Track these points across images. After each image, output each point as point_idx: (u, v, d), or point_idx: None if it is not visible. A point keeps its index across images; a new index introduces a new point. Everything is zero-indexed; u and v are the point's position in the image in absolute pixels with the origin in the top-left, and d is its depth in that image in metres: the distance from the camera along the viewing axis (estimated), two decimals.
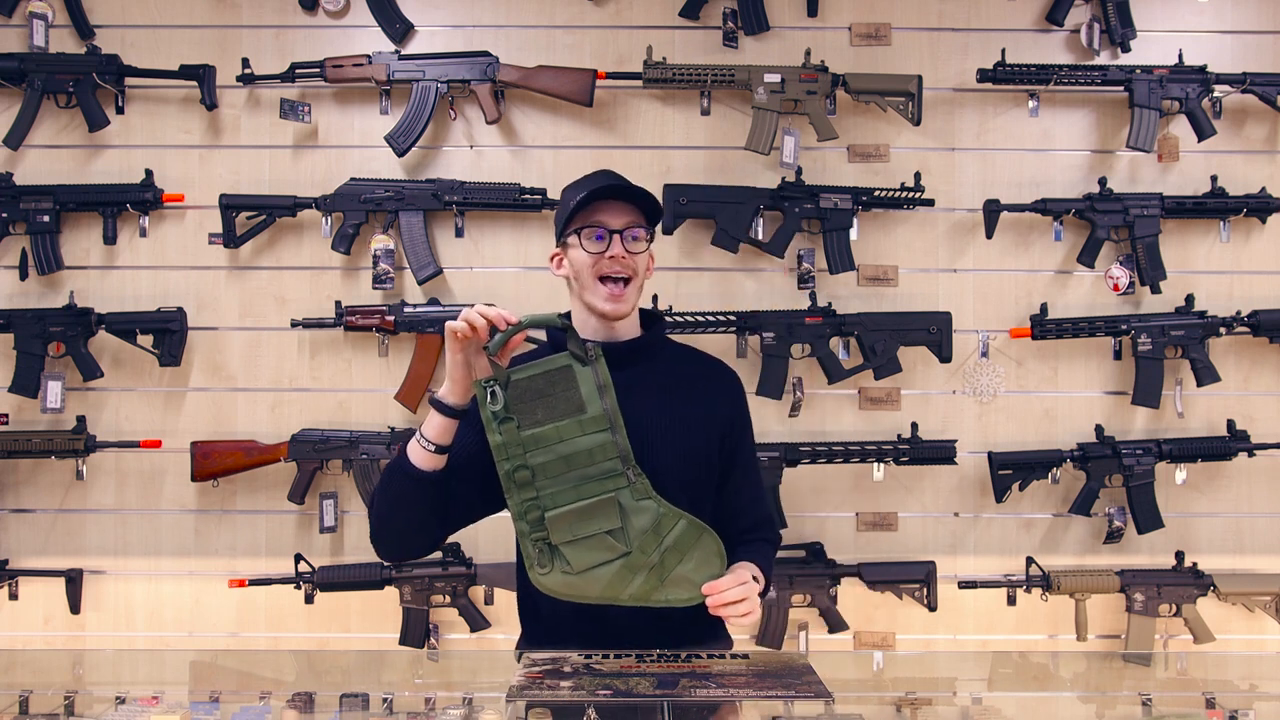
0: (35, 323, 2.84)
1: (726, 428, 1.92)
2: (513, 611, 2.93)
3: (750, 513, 1.98)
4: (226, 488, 2.94)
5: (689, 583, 1.72)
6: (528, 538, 1.70)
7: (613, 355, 1.81)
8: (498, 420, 1.67)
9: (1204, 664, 2.50)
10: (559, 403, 1.69)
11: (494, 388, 1.67)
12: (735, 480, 1.95)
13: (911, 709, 1.80)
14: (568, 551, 1.70)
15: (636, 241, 1.84)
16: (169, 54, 2.93)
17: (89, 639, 2.94)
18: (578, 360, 1.72)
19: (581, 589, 1.71)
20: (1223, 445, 2.90)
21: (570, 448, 1.69)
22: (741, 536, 1.95)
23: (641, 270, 1.87)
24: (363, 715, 1.71)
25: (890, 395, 2.95)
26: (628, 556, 1.70)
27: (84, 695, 1.85)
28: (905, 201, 2.90)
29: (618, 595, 1.72)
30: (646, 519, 1.71)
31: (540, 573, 1.71)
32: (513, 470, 1.68)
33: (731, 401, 1.96)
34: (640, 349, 1.90)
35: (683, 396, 1.89)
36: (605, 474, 1.70)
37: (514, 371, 1.70)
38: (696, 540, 1.73)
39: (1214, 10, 2.99)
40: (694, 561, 1.72)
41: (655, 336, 1.94)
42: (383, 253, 2.88)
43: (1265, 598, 2.89)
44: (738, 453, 1.95)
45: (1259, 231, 2.98)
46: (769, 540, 2.00)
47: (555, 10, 2.97)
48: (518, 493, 1.69)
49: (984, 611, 2.98)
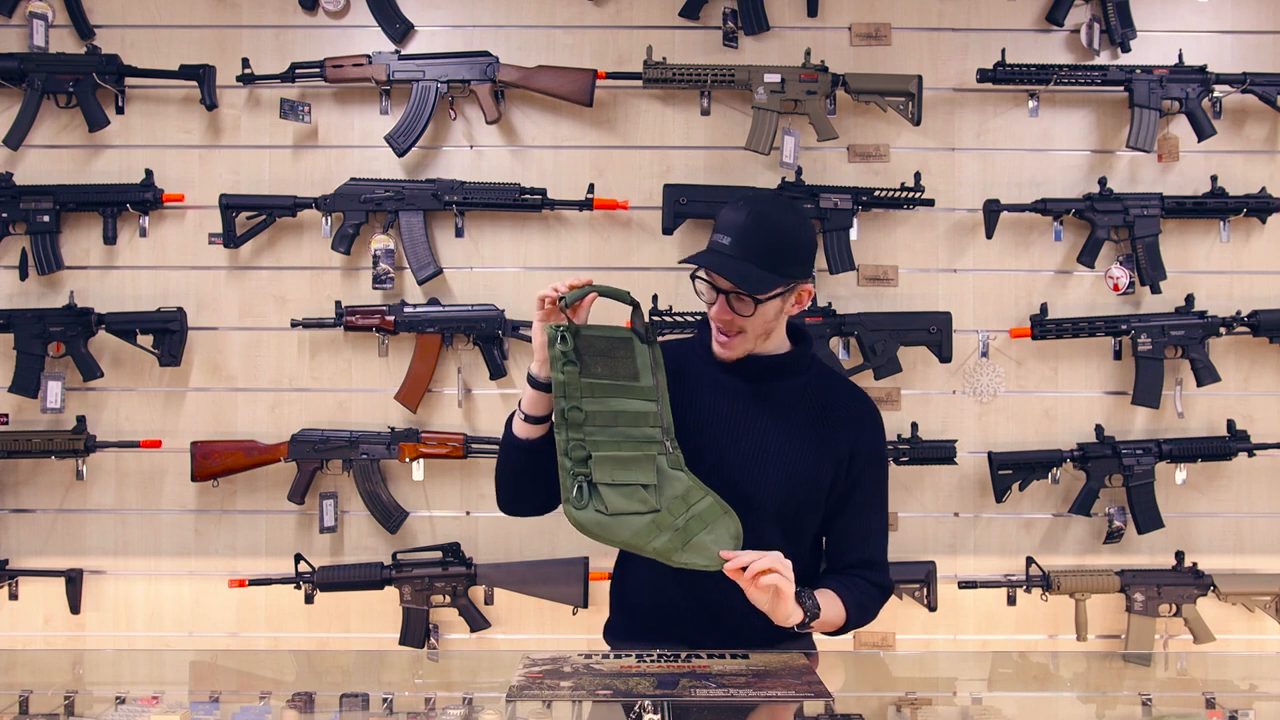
0: (35, 323, 2.84)
1: (846, 459, 1.89)
2: (512, 611, 2.96)
3: (857, 550, 1.93)
4: (226, 488, 2.94)
5: (709, 551, 1.74)
6: (569, 473, 1.75)
7: (752, 368, 1.86)
8: (563, 360, 1.75)
9: (1204, 664, 2.50)
10: (619, 364, 1.79)
11: (564, 332, 1.76)
12: (848, 515, 1.92)
13: (911, 709, 1.80)
14: (606, 493, 1.74)
15: (743, 303, 1.80)
16: (169, 54, 2.93)
17: (89, 639, 2.94)
18: (639, 337, 1.81)
19: (612, 530, 1.74)
20: (1223, 445, 2.90)
21: (621, 405, 1.77)
22: (847, 572, 1.93)
23: (756, 324, 1.82)
24: (363, 715, 1.71)
25: (890, 395, 2.95)
26: (656, 514, 1.74)
27: (84, 695, 1.85)
28: (905, 201, 2.90)
29: (643, 545, 1.74)
30: (679, 486, 1.76)
31: (576, 506, 1.74)
32: (568, 409, 1.75)
33: (859, 434, 1.91)
34: (780, 366, 1.89)
35: (805, 418, 1.88)
36: (646, 438, 1.77)
37: (583, 328, 1.79)
38: (718, 518, 1.76)
39: (1214, 10, 2.99)
40: (715, 534, 1.75)
41: (799, 356, 1.91)
42: (383, 253, 2.88)
43: (1265, 598, 2.89)
44: (856, 489, 1.91)
45: (1259, 231, 2.98)
46: (874, 583, 1.93)
47: (555, 10, 2.97)
48: (568, 430, 1.75)
49: (984, 611, 2.98)
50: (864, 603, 1.90)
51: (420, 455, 2.87)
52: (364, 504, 2.89)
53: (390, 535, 2.91)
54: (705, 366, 1.90)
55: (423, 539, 2.94)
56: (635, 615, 1.98)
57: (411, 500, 2.94)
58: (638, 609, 1.97)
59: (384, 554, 2.89)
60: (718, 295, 1.82)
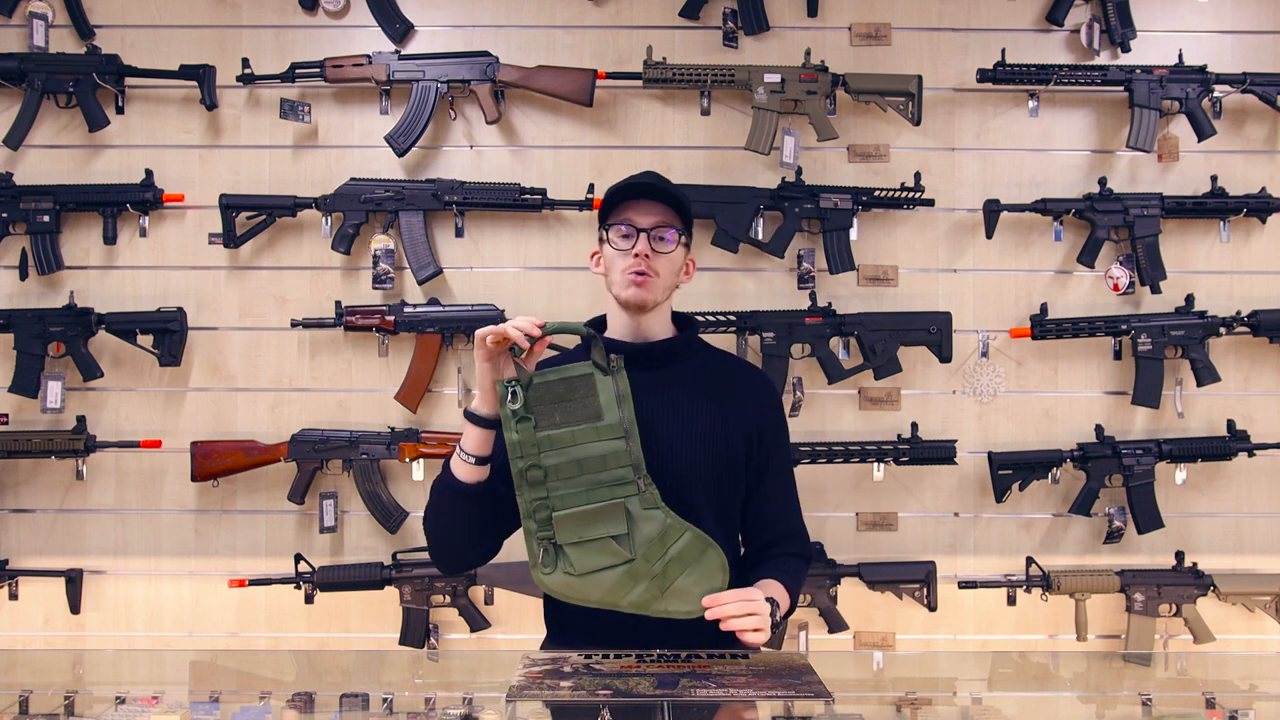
0: (35, 323, 2.84)
1: (755, 434, 1.91)
2: (512, 611, 2.96)
3: (778, 523, 1.96)
4: (226, 488, 2.94)
5: (690, 595, 1.72)
6: (534, 536, 1.72)
7: (642, 355, 1.85)
8: (516, 419, 1.70)
9: (1204, 664, 2.50)
10: (577, 408, 1.72)
11: (515, 387, 1.71)
12: (765, 489, 1.94)
13: (911, 709, 1.80)
14: (572, 553, 1.71)
15: (664, 241, 1.85)
16: (169, 54, 2.93)
17: (89, 639, 2.94)
18: (599, 369, 1.74)
19: (583, 591, 1.72)
20: (1223, 445, 2.90)
21: (583, 452, 1.71)
22: (769, 549, 1.95)
23: (668, 271, 1.87)
24: (363, 715, 1.71)
25: (890, 395, 2.95)
26: (631, 564, 1.71)
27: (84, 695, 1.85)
28: (905, 201, 2.90)
29: (618, 601, 1.72)
30: (653, 528, 1.71)
31: (543, 572, 1.72)
32: (526, 469, 1.70)
33: (763, 408, 1.94)
34: (671, 350, 1.91)
35: (710, 400, 1.89)
36: (616, 480, 1.71)
37: (536, 375, 1.73)
38: (701, 554, 1.73)
39: (1214, 10, 2.99)
40: (696, 575, 1.72)
41: (687, 339, 1.94)
42: (383, 253, 2.88)
43: (1265, 598, 2.89)
44: (768, 461, 1.93)
45: (1259, 231, 2.98)
46: (799, 555, 1.97)
47: (555, 10, 2.97)
48: (529, 491, 1.71)
49: (984, 611, 2.98)
50: (800, 580, 1.95)
51: (420, 455, 2.87)
52: (364, 504, 2.89)
53: (390, 535, 2.91)
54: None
55: (422, 539, 2.91)
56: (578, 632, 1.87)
57: (411, 500, 2.94)
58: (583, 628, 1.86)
59: (384, 554, 2.89)
60: (638, 235, 1.84)
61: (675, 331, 1.95)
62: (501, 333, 1.70)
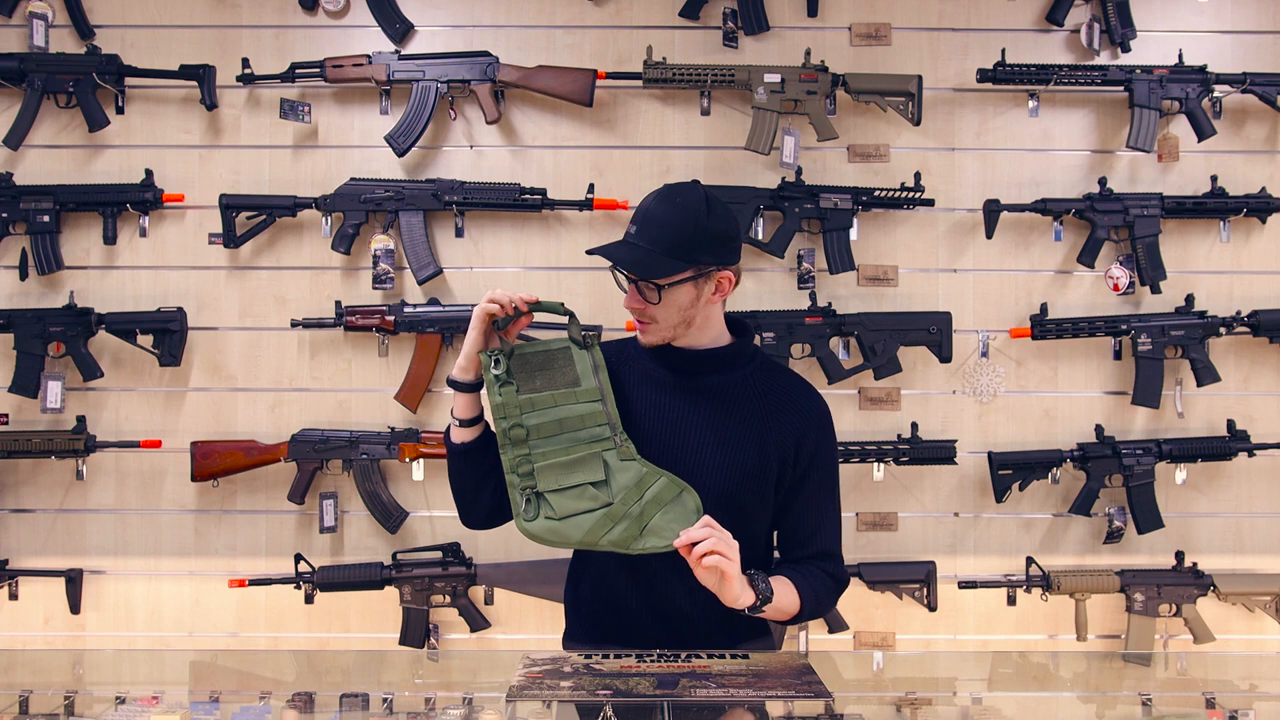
0: (35, 323, 2.84)
1: (792, 451, 1.87)
2: (512, 611, 2.96)
3: (811, 543, 1.91)
4: (226, 488, 2.94)
5: (667, 531, 1.75)
6: (516, 489, 1.79)
7: (688, 362, 1.86)
8: (499, 383, 1.81)
9: (1204, 664, 2.50)
10: (556, 375, 1.83)
11: (497, 356, 1.82)
12: (798, 506, 1.90)
13: (911, 709, 1.80)
14: (553, 499, 1.78)
15: (651, 290, 1.80)
16: (169, 54, 2.93)
17: (89, 639, 2.94)
18: (575, 344, 1.85)
19: (563, 533, 1.78)
20: (1223, 445, 2.90)
21: (563, 412, 1.81)
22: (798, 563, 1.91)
23: (668, 314, 1.82)
24: (363, 715, 1.71)
25: (890, 395, 2.95)
26: (609, 507, 1.77)
27: (84, 695, 1.85)
28: (905, 201, 2.90)
29: (597, 540, 1.77)
30: (629, 476, 1.79)
31: (525, 519, 1.78)
32: (509, 428, 1.80)
33: (805, 426, 1.88)
34: (716, 359, 1.88)
35: (747, 411, 1.86)
36: (594, 438, 1.80)
37: (518, 346, 1.85)
38: (676, 496, 1.77)
39: (1214, 10, 2.99)
40: (673, 514, 1.76)
41: (735, 348, 1.90)
42: (383, 253, 2.88)
43: (1265, 598, 2.89)
44: (805, 480, 1.89)
45: (1259, 231, 2.98)
46: (828, 573, 1.91)
47: (555, 10, 2.97)
48: (512, 449, 1.80)
49: (984, 611, 2.98)
50: (819, 592, 1.88)
51: (420, 455, 2.87)
52: (364, 504, 2.89)
53: (390, 535, 2.91)
54: (643, 364, 1.89)
55: (423, 539, 2.94)
56: (590, 620, 1.96)
57: (411, 500, 2.94)
58: (592, 616, 1.96)
59: (384, 554, 2.89)
60: (629, 285, 1.84)
61: (730, 339, 1.91)
62: (499, 300, 1.80)
